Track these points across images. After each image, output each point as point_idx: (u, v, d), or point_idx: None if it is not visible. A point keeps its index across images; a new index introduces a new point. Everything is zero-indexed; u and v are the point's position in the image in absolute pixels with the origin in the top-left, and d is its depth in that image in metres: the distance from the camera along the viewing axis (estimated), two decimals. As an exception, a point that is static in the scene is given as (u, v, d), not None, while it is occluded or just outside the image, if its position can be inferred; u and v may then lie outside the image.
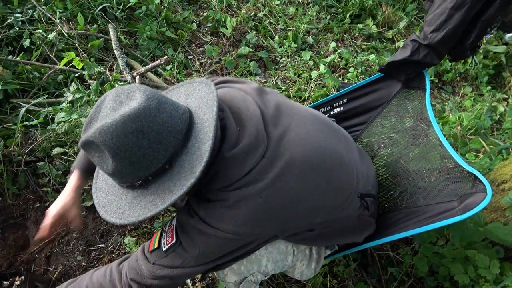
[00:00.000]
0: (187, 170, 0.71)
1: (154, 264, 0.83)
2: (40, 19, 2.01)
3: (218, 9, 2.58)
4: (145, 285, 0.84)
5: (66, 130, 1.47)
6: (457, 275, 1.24)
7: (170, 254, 0.83)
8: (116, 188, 0.77)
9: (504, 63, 2.39)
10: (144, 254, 0.86)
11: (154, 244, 0.86)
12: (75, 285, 0.89)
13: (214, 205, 0.79)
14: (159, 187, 0.72)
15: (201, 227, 0.80)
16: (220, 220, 0.78)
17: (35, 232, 1.51)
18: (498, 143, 1.79)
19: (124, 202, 0.74)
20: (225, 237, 0.79)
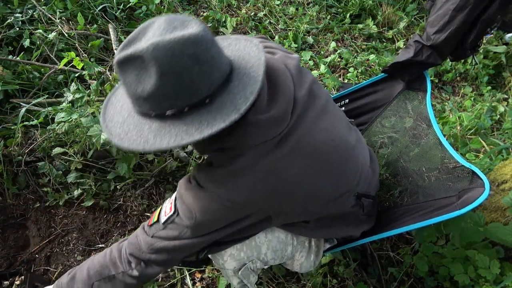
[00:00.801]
0: (229, 107, 0.69)
1: (153, 237, 0.84)
2: (40, 19, 2.01)
3: (218, 9, 2.58)
4: (144, 259, 0.85)
5: (66, 130, 1.47)
6: (457, 275, 1.24)
7: (168, 225, 0.84)
8: (136, 118, 0.73)
9: (504, 63, 2.39)
10: (144, 229, 0.88)
11: (153, 219, 0.87)
12: (77, 269, 0.92)
13: (216, 170, 0.79)
14: (194, 119, 0.69)
15: (198, 193, 0.80)
16: (219, 184, 0.78)
17: (35, 232, 1.51)
18: (498, 143, 1.79)
19: (148, 131, 0.70)
20: (221, 204, 0.79)
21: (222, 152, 0.80)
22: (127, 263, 0.87)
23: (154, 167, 1.69)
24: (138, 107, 0.71)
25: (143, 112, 0.71)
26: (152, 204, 1.64)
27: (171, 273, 1.43)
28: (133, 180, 1.65)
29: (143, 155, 1.70)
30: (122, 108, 0.76)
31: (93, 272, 0.89)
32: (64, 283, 0.92)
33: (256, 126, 0.77)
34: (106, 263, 0.89)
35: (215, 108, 0.69)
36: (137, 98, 0.69)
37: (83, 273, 0.90)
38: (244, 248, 0.99)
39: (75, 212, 1.56)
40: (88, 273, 0.89)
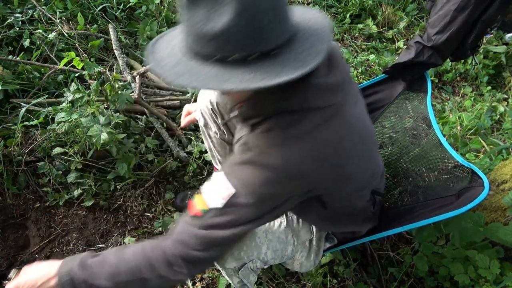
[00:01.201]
0: (295, 62, 0.67)
1: (205, 229, 0.76)
2: (40, 19, 2.01)
3: (218, 9, 2.58)
4: (191, 259, 0.77)
5: (66, 130, 1.47)
6: (457, 275, 1.24)
7: (226, 209, 0.75)
8: (192, 61, 0.69)
9: (504, 63, 2.39)
10: (189, 223, 0.77)
11: (198, 208, 0.78)
12: (107, 255, 0.80)
13: (275, 135, 0.75)
14: (261, 67, 0.66)
15: (254, 165, 0.74)
16: (278, 151, 0.74)
17: (35, 232, 1.51)
18: (498, 143, 1.79)
19: (206, 75, 0.67)
20: (278, 176, 0.74)
21: (282, 115, 0.77)
22: (167, 266, 0.77)
23: (154, 167, 1.69)
24: (199, 47, 0.68)
25: (203, 54, 0.68)
26: (152, 204, 1.64)
27: (171, 273, 1.43)
28: (133, 180, 1.65)
29: (143, 155, 1.71)
30: (174, 50, 0.73)
31: (124, 269, 0.78)
32: (90, 262, 0.80)
33: (317, 88, 0.75)
34: (139, 263, 0.78)
35: (281, 61, 0.68)
36: (202, 38, 0.66)
37: (112, 263, 0.78)
38: (244, 247, 0.99)
39: (75, 212, 1.56)
40: (118, 267, 0.78)
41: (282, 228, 1.04)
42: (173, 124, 1.83)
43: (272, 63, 0.67)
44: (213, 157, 1.40)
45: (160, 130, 1.76)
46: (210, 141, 1.33)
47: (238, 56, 0.66)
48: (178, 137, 1.82)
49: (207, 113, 1.23)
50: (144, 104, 1.73)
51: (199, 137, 1.85)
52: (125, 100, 1.53)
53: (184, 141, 1.81)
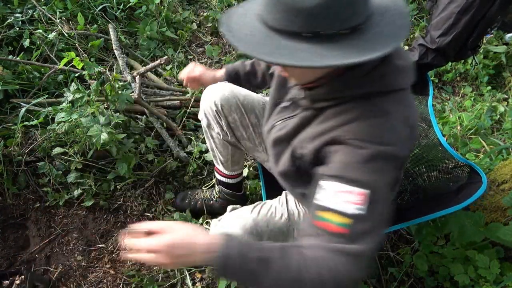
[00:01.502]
0: (380, 38, 0.67)
1: (362, 243, 0.68)
2: (40, 19, 2.01)
3: (218, 9, 2.58)
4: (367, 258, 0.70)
5: (66, 130, 1.47)
6: (457, 275, 1.24)
7: (370, 208, 0.69)
8: (276, 38, 0.68)
9: (504, 63, 2.39)
10: (340, 250, 0.68)
11: (339, 223, 0.69)
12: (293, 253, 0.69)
13: (375, 121, 0.74)
14: (349, 44, 0.66)
15: (370, 158, 0.71)
16: (389, 132, 0.74)
17: (35, 232, 1.51)
18: (498, 143, 1.79)
19: (298, 52, 0.66)
20: (394, 154, 0.74)
21: (367, 98, 0.76)
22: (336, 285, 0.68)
23: (154, 167, 1.69)
24: (286, 23, 0.67)
25: (291, 31, 0.67)
26: (152, 204, 1.64)
27: (171, 273, 1.43)
28: (133, 180, 1.65)
29: (143, 155, 1.71)
30: (253, 28, 0.72)
31: (287, 279, 0.68)
32: (251, 257, 0.68)
33: (400, 69, 0.77)
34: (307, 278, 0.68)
35: (371, 36, 0.68)
36: (291, 13, 0.65)
37: (292, 267, 0.68)
38: (245, 235, 0.98)
39: (75, 212, 1.56)
40: (300, 272, 0.68)
41: (283, 220, 1.05)
42: (173, 124, 1.83)
43: (361, 38, 0.67)
44: (215, 157, 1.40)
45: (160, 130, 1.76)
46: (212, 141, 1.33)
47: (328, 31, 0.66)
48: (178, 137, 1.82)
49: (210, 114, 1.23)
50: (144, 104, 1.73)
51: (199, 137, 1.85)
52: (125, 100, 1.53)
53: (184, 141, 1.81)
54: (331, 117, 0.80)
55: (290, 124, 0.92)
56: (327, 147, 0.78)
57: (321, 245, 0.69)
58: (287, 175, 0.99)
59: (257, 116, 1.24)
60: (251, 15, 0.75)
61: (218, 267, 0.68)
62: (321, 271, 0.66)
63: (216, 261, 0.68)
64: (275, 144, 0.97)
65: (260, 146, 1.27)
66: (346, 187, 0.70)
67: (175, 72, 2.14)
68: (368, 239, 0.69)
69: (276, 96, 1.04)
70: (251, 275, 0.68)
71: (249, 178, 1.73)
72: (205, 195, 1.59)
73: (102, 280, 1.40)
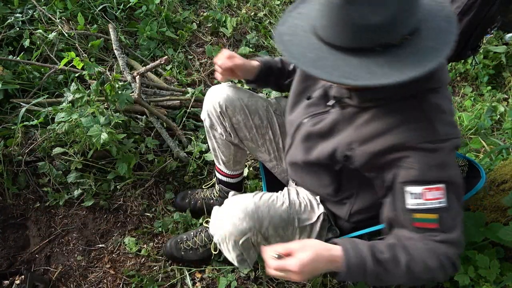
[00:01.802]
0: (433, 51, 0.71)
1: (454, 231, 0.81)
2: (40, 19, 2.01)
3: (218, 9, 2.58)
4: (462, 247, 0.84)
5: (66, 130, 1.47)
6: (457, 275, 1.24)
7: (452, 205, 0.80)
8: (334, 53, 0.73)
9: (504, 63, 2.39)
10: (441, 240, 0.81)
11: (431, 220, 0.81)
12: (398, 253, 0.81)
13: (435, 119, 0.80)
14: (401, 55, 0.70)
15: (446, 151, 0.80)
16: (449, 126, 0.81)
17: (35, 232, 1.51)
18: (498, 143, 1.79)
19: (378, 68, 0.71)
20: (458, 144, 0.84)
21: (419, 97, 0.81)
22: (452, 266, 0.82)
23: (154, 167, 1.69)
24: (358, 41, 0.71)
25: (363, 47, 0.71)
26: (152, 204, 1.64)
27: (171, 273, 1.43)
28: (133, 180, 1.65)
29: (143, 155, 1.71)
30: (317, 51, 0.75)
31: (417, 269, 0.80)
32: (383, 259, 0.81)
33: (443, 65, 0.84)
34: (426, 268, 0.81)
35: (422, 48, 0.72)
36: (359, 30, 0.69)
37: (402, 267, 0.80)
38: (247, 218, 0.98)
39: (75, 212, 1.56)
40: (408, 269, 0.80)
41: (284, 207, 1.05)
42: (173, 124, 1.83)
43: (413, 50, 0.71)
44: (216, 157, 1.40)
45: (160, 130, 1.76)
46: (214, 141, 1.33)
47: (388, 43, 0.70)
48: (178, 137, 1.82)
49: (214, 115, 1.23)
50: (144, 104, 1.73)
51: (199, 137, 1.85)
52: (125, 100, 1.53)
53: (184, 141, 1.81)
54: (382, 116, 0.84)
55: (326, 120, 0.95)
56: (392, 154, 0.83)
57: (423, 240, 0.82)
58: (312, 169, 1.03)
59: (260, 118, 1.24)
60: (303, 34, 0.79)
61: (341, 276, 0.81)
62: (426, 260, 0.79)
63: (340, 271, 0.80)
64: (307, 138, 1.00)
65: (262, 146, 1.28)
66: (428, 187, 0.79)
67: (175, 72, 2.14)
68: (456, 225, 0.81)
69: (300, 89, 1.06)
70: (370, 278, 0.81)
71: (249, 178, 1.73)
72: (205, 194, 1.59)
73: (102, 280, 1.40)
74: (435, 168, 0.79)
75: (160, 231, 1.54)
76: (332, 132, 0.94)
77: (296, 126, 1.05)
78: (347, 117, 0.91)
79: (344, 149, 0.90)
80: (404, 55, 0.71)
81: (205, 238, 1.41)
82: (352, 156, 0.89)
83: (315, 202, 1.10)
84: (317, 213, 1.08)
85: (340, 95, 0.91)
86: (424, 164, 0.79)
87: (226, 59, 1.14)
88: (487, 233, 1.20)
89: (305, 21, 0.82)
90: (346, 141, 0.89)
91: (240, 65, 1.14)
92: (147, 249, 1.47)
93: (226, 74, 1.17)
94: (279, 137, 1.27)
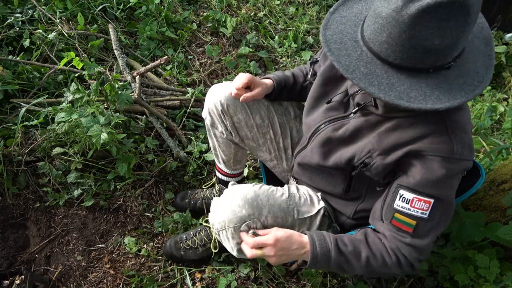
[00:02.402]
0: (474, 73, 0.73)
1: (426, 237, 0.86)
2: (40, 19, 2.01)
3: (218, 9, 2.58)
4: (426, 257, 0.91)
5: (66, 130, 1.47)
6: (457, 275, 1.24)
7: (432, 216, 0.84)
8: (387, 69, 0.75)
9: (504, 63, 2.39)
10: (409, 243, 0.87)
11: (408, 224, 0.86)
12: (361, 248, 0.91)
13: (453, 136, 0.80)
14: (445, 78, 0.73)
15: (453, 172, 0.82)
16: (464, 148, 0.81)
17: (35, 232, 1.51)
18: (498, 143, 1.79)
19: (429, 90, 0.73)
20: (467, 167, 0.84)
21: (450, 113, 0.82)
22: (407, 266, 0.90)
23: (154, 167, 1.69)
24: (415, 61, 0.72)
25: (418, 67, 0.72)
26: (152, 204, 1.64)
27: (171, 273, 1.43)
28: (133, 180, 1.65)
29: (143, 155, 1.71)
30: (370, 65, 0.76)
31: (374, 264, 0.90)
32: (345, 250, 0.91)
33: None
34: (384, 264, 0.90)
35: (462, 72, 0.74)
36: (422, 51, 0.69)
37: (362, 260, 0.90)
38: (246, 206, 0.99)
39: (75, 212, 1.56)
40: (368, 262, 0.90)
41: (283, 198, 1.05)
42: (173, 124, 1.83)
43: (459, 73, 0.73)
44: (217, 156, 1.40)
45: (160, 130, 1.76)
46: (215, 140, 1.33)
47: (438, 66, 0.72)
48: (178, 137, 1.82)
49: (215, 113, 1.23)
50: (144, 104, 1.73)
51: (199, 137, 1.85)
52: (125, 100, 1.53)
53: (184, 141, 1.81)
54: (406, 128, 0.84)
55: (348, 126, 0.95)
56: (405, 158, 0.84)
57: (391, 238, 0.89)
58: (327, 172, 1.05)
59: (261, 117, 1.24)
60: (352, 43, 0.79)
61: (310, 264, 0.91)
62: (385, 257, 0.89)
63: (308, 259, 0.90)
64: (326, 143, 1.00)
65: (263, 146, 1.28)
66: (419, 197, 0.83)
67: (175, 72, 2.14)
68: (429, 235, 0.86)
69: (320, 93, 1.07)
70: (334, 267, 0.91)
71: (249, 178, 1.73)
72: (205, 194, 1.59)
73: (102, 280, 1.40)
74: (434, 184, 0.82)
75: (160, 231, 1.54)
76: (354, 138, 0.94)
77: (315, 130, 1.05)
78: (370, 125, 0.91)
79: (362, 156, 0.91)
80: (452, 78, 0.73)
81: (204, 238, 1.41)
82: (370, 164, 0.90)
83: (315, 198, 1.11)
84: (317, 207, 1.09)
85: (364, 102, 0.92)
86: (425, 178, 0.82)
87: (245, 90, 1.13)
88: (486, 232, 1.20)
89: (352, 27, 0.81)
90: (366, 149, 0.90)
91: (259, 95, 1.16)
92: (147, 249, 1.47)
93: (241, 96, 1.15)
94: (280, 136, 1.27)
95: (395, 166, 0.87)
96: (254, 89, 1.14)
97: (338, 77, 1.04)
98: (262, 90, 1.16)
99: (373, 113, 0.90)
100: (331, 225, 1.12)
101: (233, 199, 1.00)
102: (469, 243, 1.29)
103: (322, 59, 1.13)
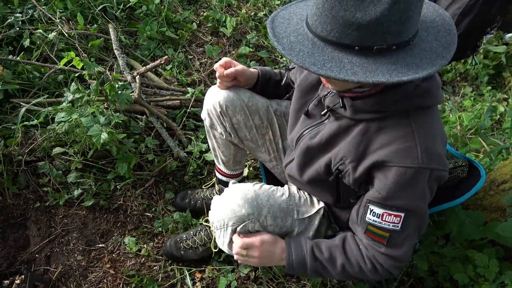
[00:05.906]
0: (430, 54, 0.70)
1: (402, 247, 0.88)
2: (40, 19, 2.01)
3: (218, 9, 2.58)
4: (404, 264, 0.93)
5: (66, 130, 1.47)
6: (456, 274, 1.24)
7: (404, 228, 0.85)
8: (327, 49, 0.69)
9: (504, 63, 2.39)
10: (385, 253, 0.89)
11: (381, 236, 0.88)
12: (336, 254, 0.95)
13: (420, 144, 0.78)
14: (399, 59, 0.68)
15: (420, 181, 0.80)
16: (433, 156, 0.79)
17: (35, 232, 1.51)
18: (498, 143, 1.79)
19: (350, 65, 0.68)
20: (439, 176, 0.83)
21: (411, 115, 0.80)
22: (387, 273, 0.93)
23: (154, 167, 1.69)
24: (339, 35, 0.67)
25: (343, 43, 0.68)
26: (152, 204, 1.64)
27: (171, 273, 1.43)
28: (133, 180, 1.65)
29: (143, 155, 1.71)
30: (301, 36, 0.73)
31: (350, 270, 0.94)
32: (320, 257, 0.96)
33: (438, 83, 0.82)
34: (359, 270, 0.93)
35: (418, 52, 0.69)
36: (347, 26, 0.65)
37: (337, 267, 0.94)
38: (246, 205, 0.99)
39: (75, 212, 1.56)
40: (343, 269, 0.94)
41: (284, 198, 1.05)
42: (173, 124, 1.83)
43: (410, 54, 0.69)
44: (216, 156, 1.40)
45: (160, 130, 1.76)
46: (214, 141, 1.33)
47: (382, 46, 0.67)
48: (178, 137, 1.82)
49: (214, 115, 1.23)
50: (144, 104, 1.73)
51: (199, 137, 1.85)
52: (125, 100, 1.53)
53: (184, 141, 1.81)
54: (374, 132, 0.83)
55: (323, 132, 0.94)
56: (373, 169, 0.84)
57: (367, 247, 0.92)
58: (313, 182, 1.04)
59: (261, 118, 1.24)
60: (297, 20, 0.76)
61: (288, 269, 0.97)
62: (361, 264, 0.92)
63: (286, 265, 0.97)
64: (306, 152, 0.99)
65: (262, 147, 1.28)
66: (389, 212, 0.84)
67: (175, 72, 2.14)
68: (404, 244, 0.89)
69: (298, 106, 1.07)
70: (311, 272, 0.96)
71: (249, 178, 1.73)
72: (205, 194, 1.59)
73: (102, 280, 1.40)
74: (401, 197, 0.81)
75: (160, 231, 1.54)
76: (330, 144, 0.93)
77: (296, 141, 1.05)
78: (342, 130, 0.90)
79: (336, 163, 0.90)
80: (400, 59, 0.69)
81: (204, 237, 1.41)
82: (344, 171, 0.90)
83: (315, 198, 1.11)
84: (317, 207, 1.09)
85: (333, 104, 0.90)
86: (392, 191, 0.81)
87: (227, 65, 1.16)
88: (486, 231, 1.21)
89: (300, 9, 0.80)
90: (339, 155, 0.89)
91: (240, 71, 1.16)
92: (147, 249, 1.47)
93: (227, 81, 1.18)
94: (279, 137, 1.27)
95: (366, 177, 0.87)
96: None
97: (314, 85, 1.03)
98: (243, 69, 1.16)
99: (344, 117, 0.88)
100: (331, 225, 1.12)
101: (233, 198, 1.00)
102: (469, 242, 1.29)
103: (298, 70, 1.12)
